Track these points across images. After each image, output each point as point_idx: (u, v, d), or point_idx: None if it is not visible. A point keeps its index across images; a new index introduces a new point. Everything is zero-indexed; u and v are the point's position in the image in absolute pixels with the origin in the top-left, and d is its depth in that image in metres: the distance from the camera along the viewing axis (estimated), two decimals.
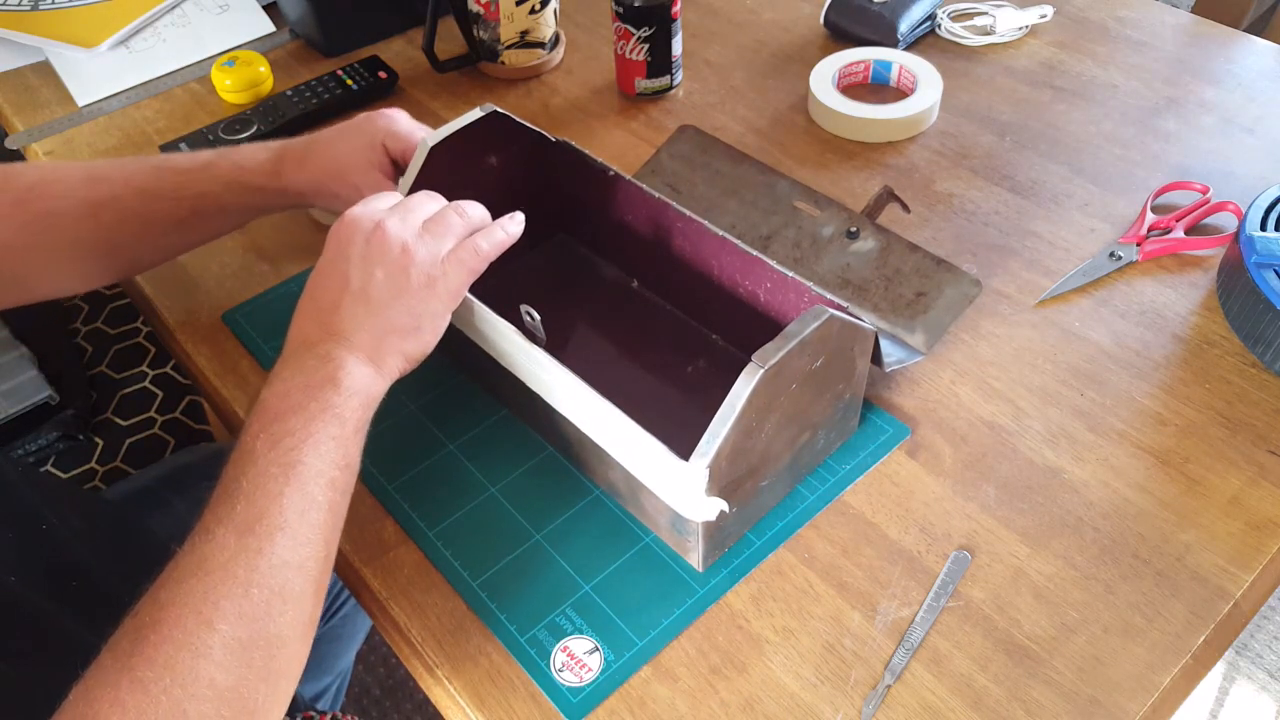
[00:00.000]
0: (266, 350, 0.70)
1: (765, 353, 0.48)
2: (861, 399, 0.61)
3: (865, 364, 0.58)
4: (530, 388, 0.58)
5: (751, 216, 0.72)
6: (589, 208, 0.71)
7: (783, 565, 0.57)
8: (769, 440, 0.53)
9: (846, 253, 0.68)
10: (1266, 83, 0.90)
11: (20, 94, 0.97)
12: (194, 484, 0.83)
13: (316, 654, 0.88)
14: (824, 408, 0.56)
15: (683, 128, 0.78)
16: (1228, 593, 0.55)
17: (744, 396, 0.48)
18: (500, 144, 0.67)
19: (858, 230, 0.68)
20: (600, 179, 0.67)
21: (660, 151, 0.78)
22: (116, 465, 0.87)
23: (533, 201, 0.72)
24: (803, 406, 0.54)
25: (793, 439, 0.56)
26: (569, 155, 0.67)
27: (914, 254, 0.66)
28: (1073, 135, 0.85)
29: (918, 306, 0.64)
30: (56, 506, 0.58)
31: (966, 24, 0.98)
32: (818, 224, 0.69)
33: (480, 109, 0.64)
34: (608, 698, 0.52)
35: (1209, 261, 0.73)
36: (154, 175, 0.65)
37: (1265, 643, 1.36)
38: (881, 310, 0.65)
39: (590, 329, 0.70)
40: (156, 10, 1.04)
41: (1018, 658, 0.52)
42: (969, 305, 0.65)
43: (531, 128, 0.66)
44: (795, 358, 0.50)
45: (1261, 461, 0.61)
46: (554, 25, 0.96)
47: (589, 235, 0.74)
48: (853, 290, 0.66)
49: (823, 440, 0.59)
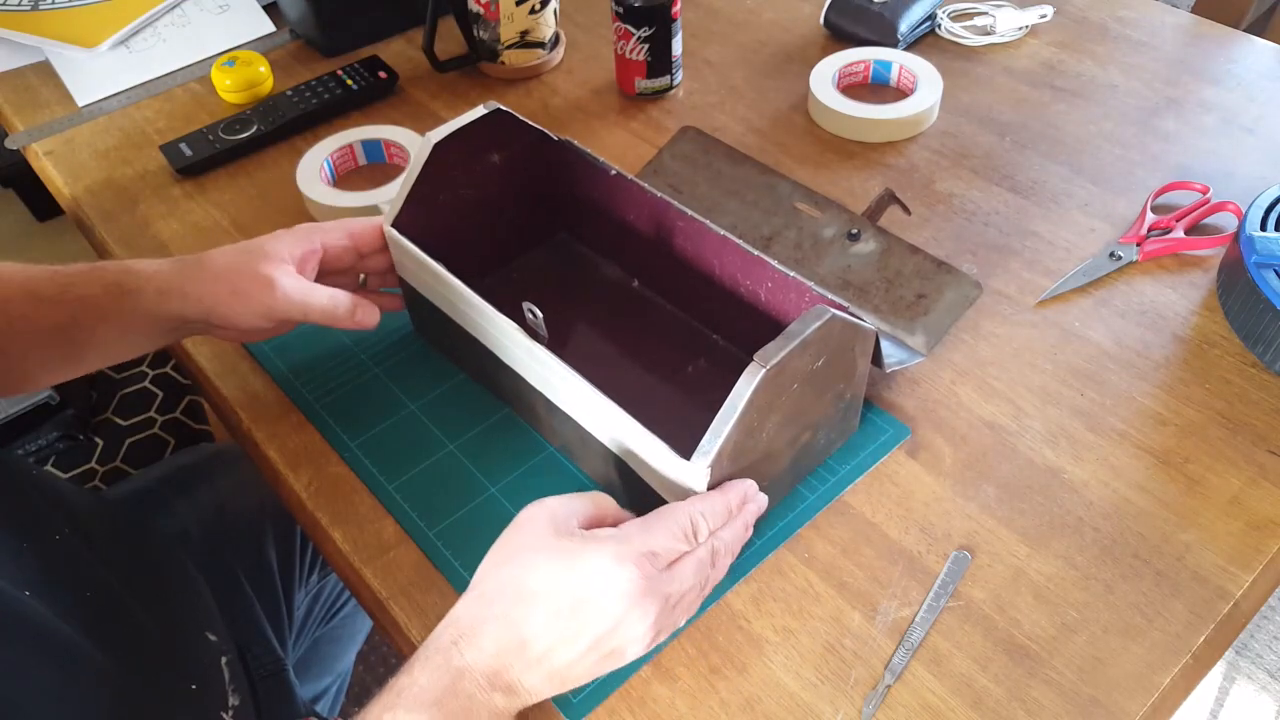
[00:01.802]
0: (267, 350, 0.70)
1: (767, 352, 0.48)
2: (862, 399, 0.61)
3: (866, 364, 0.58)
4: (532, 385, 0.58)
5: (753, 217, 0.72)
6: (590, 207, 0.71)
7: (783, 565, 0.57)
8: (770, 440, 0.53)
9: (847, 254, 0.68)
10: (1266, 83, 0.90)
11: (20, 94, 0.97)
12: (194, 484, 0.83)
13: (317, 654, 0.89)
14: (825, 407, 0.56)
15: (684, 129, 0.78)
16: (1228, 593, 0.55)
17: (746, 396, 0.48)
18: (503, 142, 0.67)
19: (859, 232, 0.68)
20: (602, 178, 0.67)
21: (662, 152, 0.78)
22: (116, 465, 0.87)
23: (535, 200, 0.72)
24: (804, 406, 0.54)
25: (794, 438, 0.56)
26: (571, 154, 0.67)
27: (914, 256, 0.66)
28: (1073, 135, 0.85)
29: (918, 308, 0.64)
30: (66, 513, 0.58)
31: (966, 24, 0.98)
32: (819, 225, 0.69)
33: (484, 106, 0.64)
34: (608, 698, 0.52)
35: (1209, 261, 0.73)
36: (47, 279, 0.59)
37: (1265, 643, 1.36)
38: (882, 312, 0.65)
39: (591, 328, 0.70)
40: (156, 10, 1.04)
41: (1018, 658, 0.52)
42: (969, 307, 0.65)
43: (534, 126, 0.66)
44: (796, 357, 0.50)
45: (1261, 461, 0.61)
46: (554, 25, 0.96)
47: (590, 235, 0.74)
48: (854, 291, 0.67)
49: (823, 440, 0.59)
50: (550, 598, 0.45)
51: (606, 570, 0.45)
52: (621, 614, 0.45)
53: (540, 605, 0.45)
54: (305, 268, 0.60)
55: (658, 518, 0.48)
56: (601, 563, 0.45)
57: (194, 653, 0.61)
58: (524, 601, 0.45)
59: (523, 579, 0.46)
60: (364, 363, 0.69)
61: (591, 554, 0.46)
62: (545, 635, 0.45)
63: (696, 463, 0.49)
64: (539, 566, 0.46)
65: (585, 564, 0.45)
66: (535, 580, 0.46)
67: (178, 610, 0.64)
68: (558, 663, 0.45)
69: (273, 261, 0.58)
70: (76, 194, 0.86)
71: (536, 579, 0.46)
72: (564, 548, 0.46)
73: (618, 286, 0.72)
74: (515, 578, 0.46)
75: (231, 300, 0.58)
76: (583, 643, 0.45)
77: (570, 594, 0.45)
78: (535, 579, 0.46)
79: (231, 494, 0.83)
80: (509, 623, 0.45)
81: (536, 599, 0.45)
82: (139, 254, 0.80)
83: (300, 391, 0.68)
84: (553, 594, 0.45)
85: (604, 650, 0.46)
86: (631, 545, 0.46)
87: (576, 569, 0.45)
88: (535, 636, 0.45)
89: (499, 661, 0.45)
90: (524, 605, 0.45)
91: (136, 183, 0.87)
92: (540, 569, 0.46)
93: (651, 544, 0.47)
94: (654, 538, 0.47)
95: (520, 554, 0.47)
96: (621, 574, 0.45)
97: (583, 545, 0.46)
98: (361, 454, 0.64)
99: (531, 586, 0.46)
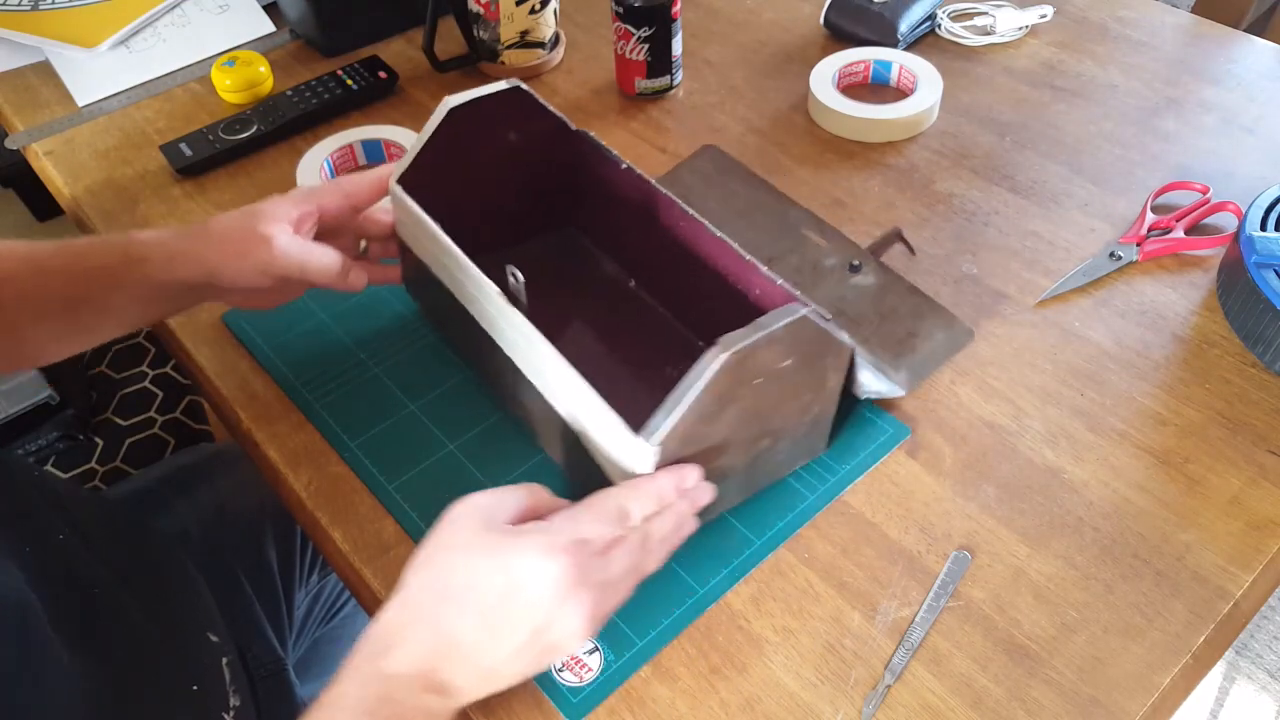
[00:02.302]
0: (267, 350, 0.70)
1: (733, 338, 0.48)
2: (831, 419, 0.60)
3: (838, 380, 0.57)
4: (502, 349, 0.58)
5: (758, 239, 0.72)
6: (598, 202, 0.71)
7: (783, 565, 0.57)
8: (726, 434, 0.52)
9: (845, 285, 0.67)
10: (1266, 83, 0.90)
11: (20, 94, 0.97)
12: (194, 484, 0.83)
13: (317, 654, 0.89)
14: (789, 416, 0.56)
15: (706, 147, 0.78)
16: (1228, 593, 0.55)
17: (705, 378, 0.47)
18: (522, 123, 0.67)
19: (860, 264, 0.67)
20: (612, 171, 0.67)
21: (680, 167, 0.78)
22: (116, 465, 0.87)
23: (547, 187, 0.72)
24: (765, 407, 0.53)
25: (751, 441, 0.55)
26: (585, 145, 0.67)
27: (912, 296, 0.66)
28: (1073, 135, 0.85)
29: (906, 346, 0.64)
30: (67, 513, 0.58)
31: (966, 24, 0.98)
32: (822, 254, 0.69)
33: (505, 82, 0.64)
34: (608, 698, 0.52)
35: (1209, 261, 0.73)
36: (53, 252, 0.61)
37: (1265, 643, 1.36)
38: (870, 344, 0.64)
39: (578, 320, 0.69)
40: (156, 10, 1.04)
41: (1018, 658, 0.52)
42: (958, 352, 0.65)
43: (554, 112, 0.66)
44: (763, 350, 0.49)
45: (1261, 461, 0.61)
46: (554, 25, 0.96)
47: (595, 230, 0.74)
48: (846, 321, 0.66)
49: (785, 453, 0.59)
50: (478, 594, 0.44)
51: (535, 563, 0.44)
52: (554, 606, 0.44)
53: (468, 602, 0.44)
54: (302, 228, 0.62)
55: (585, 506, 0.47)
56: (529, 555, 0.44)
57: (195, 653, 0.61)
58: (450, 600, 0.44)
59: (448, 578, 0.45)
60: (364, 362, 0.69)
61: (519, 547, 0.44)
62: (474, 633, 0.44)
63: (646, 438, 0.48)
64: (465, 564, 0.45)
65: (513, 558, 0.44)
66: (461, 577, 0.44)
67: (178, 611, 0.64)
68: (489, 660, 0.44)
69: (271, 221, 0.60)
70: (76, 194, 0.86)
71: (462, 576, 0.45)
72: (490, 543, 0.45)
73: (614, 284, 0.72)
74: (440, 577, 0.45)
75: (235, 260, 0.60)
76: (516, 638, 0.44)
77: (498, 589, 0.44)
78: (461, 576, 0.45)
79: (231, 494, 0.83)
80: (436, 623, 0.44)
81: (463, 596, 0.44)
82: None
83: (300, 391, 0.68)
84: (480, 590, 0.44)
85: (540, 645, 0.45)
86: (560, 535, 0.45)
87: (503, 563, 0.44)
88: (464, 635, 0.44)
89: (428, 663, 0.44)
90: (451, 604, 0.44)
91: (136, 183, 0.87)
92: (466, 566, 0.45)
93: (581, 531, 0.45)
94: (583, 525, 0.46)
95: (443, 553, 0.46)
96: (551, 566, 0.44)
97: (509, 539, 0.45)
98: (361, 454, 0.64)
99: (458, 584, 0.44)
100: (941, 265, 0.74)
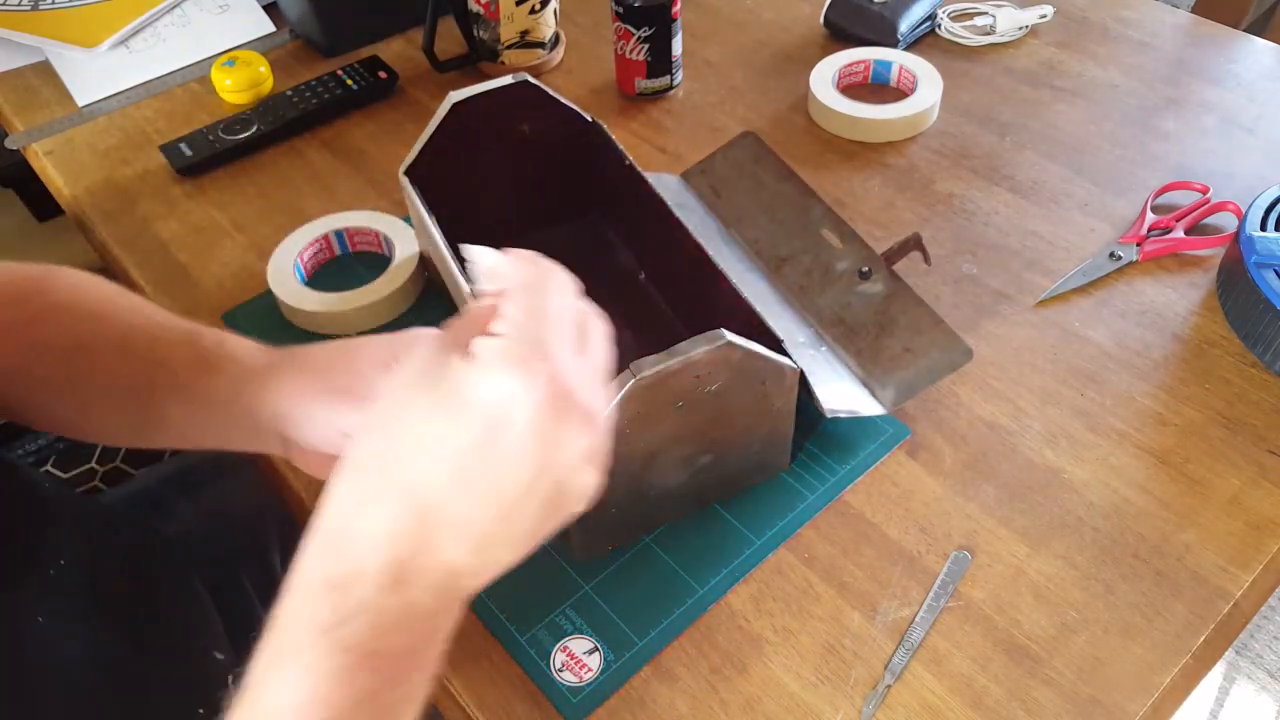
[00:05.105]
0: None
1: (643, 363, 0.48)
2: (790, 436, 0.59)
3: (787, 402, 0.56)
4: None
5: (775, 235, 0.71)
6: (616, 192, 0.71)
7: (783, 565, 0.57)
8: (652, 451, 0.52)
9: (851, 291, 0.66)
10: (1266, 83, 0.90)
11: (20, 94, 0.97)
12: (195, 484, 0.83)
13: None
14: (733, 436, 0.55)
15: (745, 133, 0.78)
16: (1228, 593, 0.55)
17: (613, 402, 0.47)
18: (534, 115, 0.67)
19: (870, 271, 0.66)
20: (619, 169, 0.67)
21: (716, 154, 0.78)
22: (116, 465, 0.87)
23: (568, 176, 0.72)
24: (698, 428, 0.53)
25: (688, 457, 0.55)
26: (600, 138, 0.68)
27: (917, 308, 0.64)
28: (1073, 135, 0.85)
29: (900, 362, 0.63)
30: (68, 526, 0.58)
31: (966, 24, 0.98)
32: (835, 256, 0.68)
33: (512, 76, 0.65)
34: (608, 698, 0.52)
35: (1209, 261, 0.73)
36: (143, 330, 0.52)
37: (1265, 643, 1.36)
38: (863, 357, 0.64)
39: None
40: (156, 10, 1.04)
41: (1018, 658, 0.52)
42: (952, 373, 0.63)
43: (566, 103, 0.66)
44: (678, 376, 0.49)
45: (1261, 461, 0.61)
46: (554, 25, 0.96)
47: (615, 219, 0.74)
48: (844, 329, 0.65)
49: (735, 468, 0.58)
50: (442, 445, 0.33)
51: (502, 383, 0.33)
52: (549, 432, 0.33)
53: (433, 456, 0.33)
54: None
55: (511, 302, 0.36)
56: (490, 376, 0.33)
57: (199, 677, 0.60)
58: (406, 462, 0.34)
59: (398, 435, 0.34)
60: None
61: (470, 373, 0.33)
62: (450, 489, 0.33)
63: None
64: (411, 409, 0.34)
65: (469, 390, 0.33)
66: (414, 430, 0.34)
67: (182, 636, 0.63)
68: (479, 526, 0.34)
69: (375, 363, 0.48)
70: (76, 194, 0.86)
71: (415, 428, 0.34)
72: (433, 381, 0.34)
73: (626, 274, 0.72)
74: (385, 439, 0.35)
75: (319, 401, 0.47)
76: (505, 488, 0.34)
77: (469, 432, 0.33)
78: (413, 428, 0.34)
79: (234, 495, 0.83)
80: (394, 494, 0.33)
81: (423, 453, 0.33)
82: (137, 254, 0.80)
83: None
84: (443, 439, 0.33)
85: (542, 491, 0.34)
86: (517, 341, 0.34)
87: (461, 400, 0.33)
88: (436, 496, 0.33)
89: (395, 549, 0.33)
90: (408, 465, 0.33)
91: (136, 183, 0.87)
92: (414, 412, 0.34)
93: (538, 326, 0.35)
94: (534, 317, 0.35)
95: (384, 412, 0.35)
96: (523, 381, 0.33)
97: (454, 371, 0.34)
98: None
99: (411, 438, 0.34)
100: (941, 265, 0.74)
